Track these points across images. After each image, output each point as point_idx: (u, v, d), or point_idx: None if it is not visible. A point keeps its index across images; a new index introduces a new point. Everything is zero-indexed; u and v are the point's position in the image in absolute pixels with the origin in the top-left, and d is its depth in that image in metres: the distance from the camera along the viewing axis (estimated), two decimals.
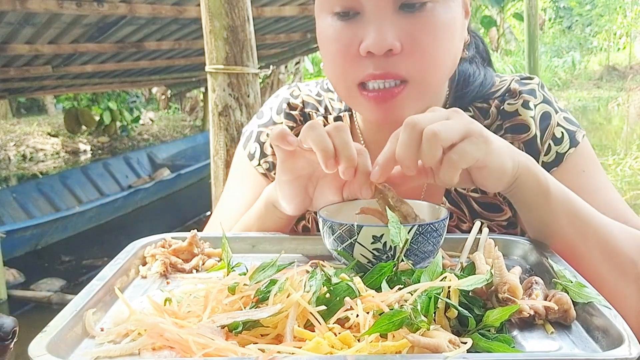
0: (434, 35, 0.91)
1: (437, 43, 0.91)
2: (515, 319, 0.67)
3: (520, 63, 15.76)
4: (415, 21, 0.90)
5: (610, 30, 19.61)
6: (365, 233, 0.77)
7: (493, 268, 0.69)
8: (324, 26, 0.96)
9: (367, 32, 0.90)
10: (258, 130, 1.18)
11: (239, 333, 0.63)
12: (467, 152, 0.75)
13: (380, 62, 0.91)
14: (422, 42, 0.90)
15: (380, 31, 0.89)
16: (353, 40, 0.92)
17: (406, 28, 0.90)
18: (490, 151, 0.77)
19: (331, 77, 1.00)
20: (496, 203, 1.05)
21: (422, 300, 0.63)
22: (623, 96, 15.96)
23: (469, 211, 1.06)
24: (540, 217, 0.85)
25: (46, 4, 4.41)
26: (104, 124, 12.25)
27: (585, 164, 1.01)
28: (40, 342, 0.60)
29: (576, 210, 0.85)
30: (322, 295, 0.66)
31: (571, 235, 0.85)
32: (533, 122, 1.02)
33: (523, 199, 0.85)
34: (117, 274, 0.81)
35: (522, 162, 0.82)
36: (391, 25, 0.90)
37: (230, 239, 0.91)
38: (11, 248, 5.45)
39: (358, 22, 0.92)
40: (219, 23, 2.45)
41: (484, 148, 0.76)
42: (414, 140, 0.75)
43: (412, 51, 0.91)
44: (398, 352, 0.57)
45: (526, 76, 1.09)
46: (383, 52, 0.90)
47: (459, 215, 1.07)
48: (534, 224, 0.88)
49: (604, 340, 0.63)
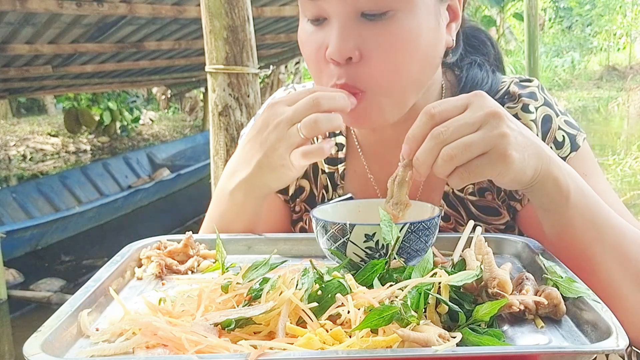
0: (392, 44, 0.89)
1: (396, 52, 0.90)
2: (505, 314, 0.68)
3: (520, 63, 15.75)
4: (376, 29, 0.89)
5: (610, 30, 19.61)
6: (358, 232, 0.78)
7: (483, 264, 0.70)
8: (300, 29, 0.98)
9: (330, 39, 0.90)
10: None
11: (231, 330, 0.64)
12: (481, 169, 0.74)
13: (341, 71, 0.91)
14: (381, 51, 0.89)
15: (341, 38, 0.89)
16: (321, 47, 0.93)
17: (367, 36, 0.89)
18: (506, 170, 0.75)
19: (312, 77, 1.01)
20: (494, 207, 1.05)
21: (413, 295, 0.64)
22: (623, 96, 15.96)
23: (467, 214, 1.06)
24: (558, 219, 0.84)
25: (46, 4, 4.42)
26: (104, 124, 12.27)
27: (587, 168, 1.00)
28: (35, 342, 0.61)
29: (596, 216, 0.84)
30: (314, 292, 0.67)
31: (589, 240, 0.83)
32: (534, 125, 1.00)
33: (540, 200, 0.84)
34: (112, 275, 0.82)
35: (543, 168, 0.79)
36: (352, 33, 0.89)
37: (225, 241, 0.92)
38: (11, 248, 5.46)
39: (325, 28, 0.93)
40: (219, 23, 2.45)
41: (500, 168, 0.75)
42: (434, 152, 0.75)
43: (371, 60, 0.90)
44: (388, 346, 0.58)
45: (525, 78, 1.08)
46: (343, 60, 0.90)
47: (457, 218, 1.07)
48: (550, 224, 0.87)
49: (593, 334, 0.64)
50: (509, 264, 0.75)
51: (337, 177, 1.12)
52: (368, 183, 1.11)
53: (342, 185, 1.12)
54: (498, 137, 0.74)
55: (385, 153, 1.08)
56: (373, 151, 1.12)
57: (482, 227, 0.94)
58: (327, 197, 1.12)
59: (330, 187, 1.12)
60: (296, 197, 1.15)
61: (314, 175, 1.15)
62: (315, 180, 1.14)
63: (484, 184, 1.05)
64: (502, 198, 1.05)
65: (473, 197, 1.06)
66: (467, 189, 1.05)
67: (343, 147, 1.13)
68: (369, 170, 1.11)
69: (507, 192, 1.04)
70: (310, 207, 1.13)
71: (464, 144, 0.74)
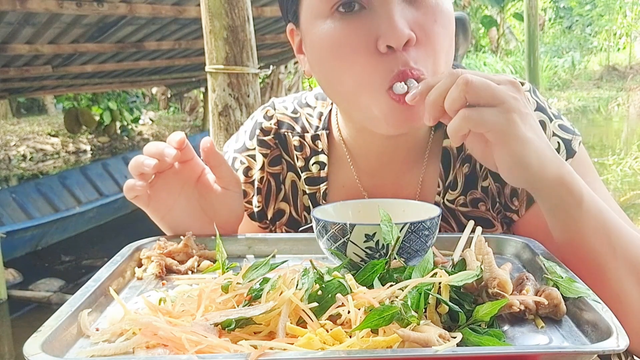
0: (440, 23, 0.87)
1: (445, 32, 0.88)
2: (506, 314, 0.68)
3: (520, 63, 15.76)
4: (423, 11, 0.86)
5: (610, 30, 19.61)
6: (358, 232, 0.78)
7: (483, 264, 0.70)
8: (324, 32, 0.89)
9: (380, 26, 0.84)
10: (233, 156, 1.15)
11: (232, 330, 0.64)
12: (482, 116, 0.73)
13: (401, 56, 0.85)
14: (433, 32, 0.87)
15: (398, 21, 0.84)
16: (369, 38, 0.86)
17: (415, 18, 0.86)
18: (510, 132, 0.73)
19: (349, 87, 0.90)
20: (487, 218, 1.03)
21: (413, 296, 0.64)
22: (623, 96, 15.97)
23: (457, 225, 1.04)
24: (570, 225, 0.82)
25: (46, 4, 4.42)
26: (104, 124, 12.28)
27: (584, 174, 0.96)
28: (35, 342, 0.61)
29: (607, 222, 0.82)
30: (314, 292, 0.67)
31: (599, 247, 0.82)
32: None
33: (550, 203, 0.82)
34: (112, 275, 0.82)
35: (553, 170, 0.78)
36: (402, 16, 0.85)
37: (225, 240, 0.92)
38: (11, 249, 5.46)
39: (365, 17, 0.86)
40: (219, 23, 2.46)
41: (504, 124, 0.73)
42: (449, 87, 0.75)
43: (425, 42, 0.86)
44: (389, 346, 0.58)
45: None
46: (402, 45, 0.84)
47: (447, 229, 1.05)
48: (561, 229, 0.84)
49: (594, 334, 0.63)
50: (509, 264, 0.75)
51: (319, 197, 1.09)
52: (359, 196, 1.07)
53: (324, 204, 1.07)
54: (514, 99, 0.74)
55: (379, 165, 1.06)
56: (366, 164, 1.08)
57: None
58: (309, 219, 1.10)
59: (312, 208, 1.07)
60: (275, 220, 1.13)
61: (293, 197, 1.12)
62: (294, 202, 1.12)
63: (478, 195, 1.03)
64: (497, 209, 1.03)
65: (464, 209, 1.04)
66: (459, 201, 1.04)
67: (325, 166, 1.09)
68: (361, 183, 1.08)
69: (502, 203, 1.02)
70: (291, 230, 1.12)
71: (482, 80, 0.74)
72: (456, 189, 1.04)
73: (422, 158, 1.06)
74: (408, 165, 1.06)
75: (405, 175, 1.06)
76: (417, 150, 1.06)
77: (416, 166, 1.06)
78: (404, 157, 1.05)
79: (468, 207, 1.04)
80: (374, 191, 1.07)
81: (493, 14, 18.27)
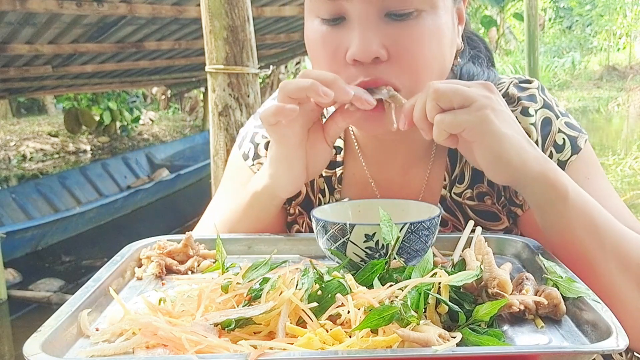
0: (420, 43, 0.88)
1: (424, 51, 0.89)
2: (505, 314, 0.68)
3: (520, 63, 15.75)
4: (402, 29, 0.88)
5: (610, 30, 19.60)
6: (358, 232, 0.78)
7: (483, 264, 0.70)
8: (311, 29, 0.94)
9: (352, 39, 0.88)
10: (254, 131, 1.17)
11: (231, 330, 0.64)
12: (455, 118, 0.77)
13: (368, 69, 0.88)
14: (408, 50, 0.88)
15: (366, 38, 0.87)
16: (339, 47, 0.90)
17: (392, 36, 0.88)
18: (485, 129, 0.77)
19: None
20: (493, 211, 1.04)
21: (413, 295, 0.64)
22: (623, 96, 15.95)
23: (465, 219, 1.05)
24: (557, 220, 0.83)
25: (46, 4, 4.42)
26: (104, 124, 12.27)
27: (589, 171, 0.98)
28: (35, 342, 0.61)
29: (596, 218, 0.83)
30: (314, 292, 0.67)
31: (588, 243, 0.83)
32: (534, 128, 0.99)
33: (535, 198, 0.84)
34: (112, 275, 0.82)
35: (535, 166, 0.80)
36: (377, 33, 0.87)
37: (225, 240, 0.92)
38: (11, 249, 5.46)
39: (344, 28, 0.90)
40: (219, 23, 2.45)
41: (476, 122, 0.77)
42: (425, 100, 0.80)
43: (399, 59, 0.88)
44: (388, 346, 0.58)
45: (525, 79, 1.06)
46: (369, 60, 0.87)
47: (455, 223, 1.05)
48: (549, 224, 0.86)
49: (593, 334, 0.64)
50: (509, 264, 0.75)
51: (334, 181, 1.10)
52: (368, 187, 1.09)
53: (340, 189, 1.10)
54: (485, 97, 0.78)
55: (387, 157, 1.07)
56: (374, 155, 1.09)
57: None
58: (324, 202, 1.10)
59: (327, 191, 1.10)
60: (292, 200, 1.13)
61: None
62: (311, 183, 1.12)
63: (484, 189, 1.04)
64: (502, 203, 1.04)
65: (471, 202, 1.05)
66: (466, 194, 1.04)
67: (341, 151, 1.11)
68: (369, 174, 1.09)
69: (507, 197, 1.03)
70: (305, 211, 1.12)
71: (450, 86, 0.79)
72: (463, 182, 1.05)
73: (430, 152, 1.07)
74: (415, 158, 1.07)
75: (412, 168, 1.07)
76: (424, 144, 1.06)
77: (423, 160, 1.07)
78: (411, 151, 1.07)
79: (475, 201, 1.05)
80: (382, 183, 1.08)
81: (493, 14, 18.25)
